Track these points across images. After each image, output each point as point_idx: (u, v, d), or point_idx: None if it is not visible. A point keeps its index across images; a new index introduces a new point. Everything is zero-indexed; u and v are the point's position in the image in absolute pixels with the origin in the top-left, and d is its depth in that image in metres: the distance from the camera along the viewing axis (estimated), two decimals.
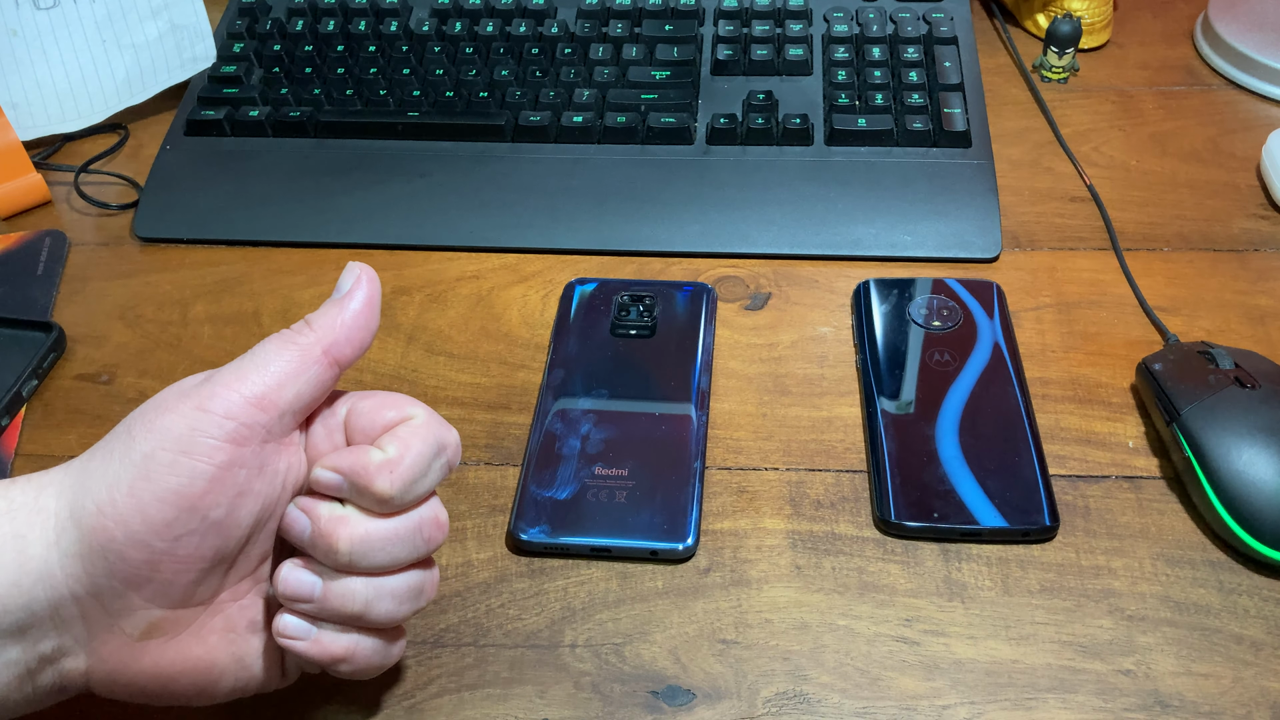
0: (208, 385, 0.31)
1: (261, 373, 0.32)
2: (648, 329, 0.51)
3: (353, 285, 0.34)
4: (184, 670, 0.33)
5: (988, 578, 0.42)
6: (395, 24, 0.66)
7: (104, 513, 0.30)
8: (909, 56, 0.63)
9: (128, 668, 0.32)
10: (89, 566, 0.30)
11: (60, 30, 0.65)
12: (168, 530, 0.30)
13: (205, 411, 0.30)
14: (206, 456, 0.30)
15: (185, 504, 0.30)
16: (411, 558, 0.34)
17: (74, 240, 0.59)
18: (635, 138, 0.60)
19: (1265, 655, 0.39)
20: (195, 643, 0.33)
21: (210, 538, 0.31)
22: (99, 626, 0.31)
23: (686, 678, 0.39)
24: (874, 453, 0.46)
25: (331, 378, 0.33)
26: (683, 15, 0.66)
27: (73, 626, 0.31)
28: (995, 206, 0.57)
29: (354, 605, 0.33)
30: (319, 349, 0.32)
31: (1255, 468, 0.42)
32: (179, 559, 0.31)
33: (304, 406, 0.33)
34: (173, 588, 0.31)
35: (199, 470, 0.30)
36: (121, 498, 0.30)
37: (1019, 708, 0.38)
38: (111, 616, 0.31)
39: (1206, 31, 0.69)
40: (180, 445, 0.30)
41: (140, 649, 0.32)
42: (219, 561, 0.32)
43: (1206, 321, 0.52)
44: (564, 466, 0.45)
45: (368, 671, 0.35)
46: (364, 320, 0.33)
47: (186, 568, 0.31)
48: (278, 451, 0.32)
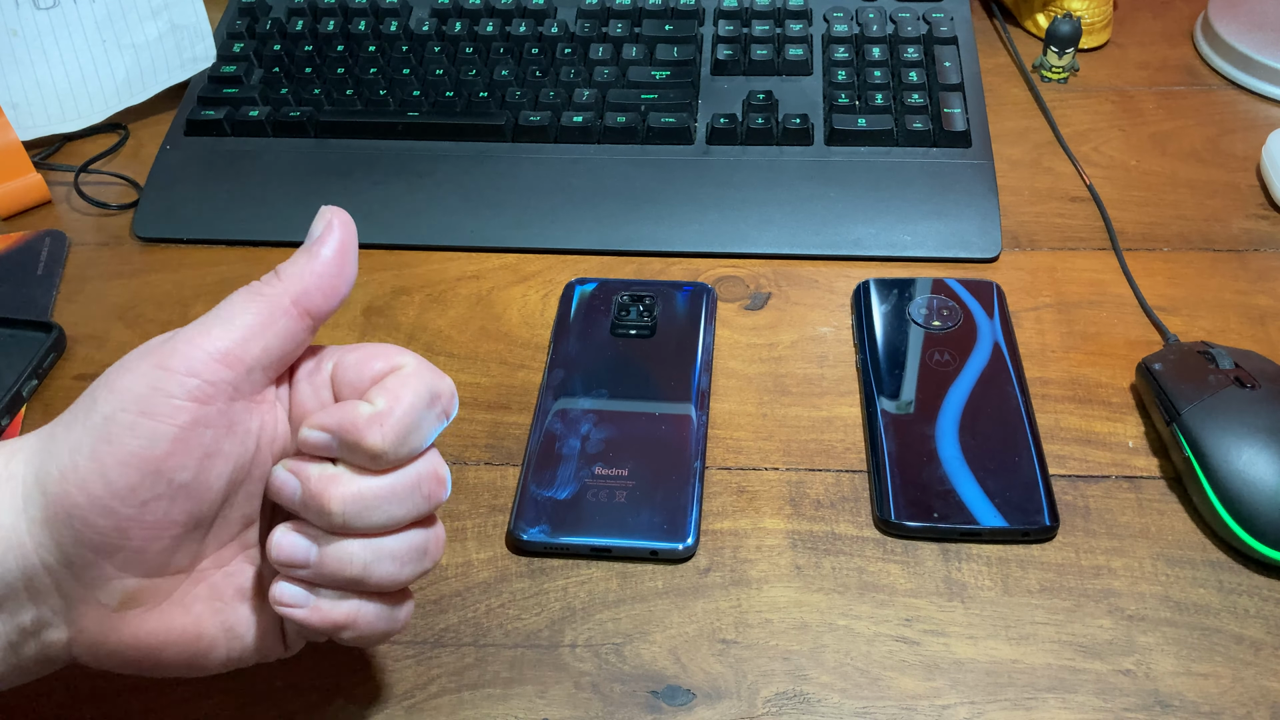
0: (170, 342, 0.30)
1: (226, 326, 0.30)
2: (648, 329, 0.51)
3: (324, 231, 0.32)
4: (169, 641, 0.31)
5: (988, 578, 0.42)
6: (395, 24, 0.66)
7: (66, 478, 0.29)
8: (909, 56, 0.63)
9: (109, 638, 0.31)
10: (56, 535, 0.29)
11: (60, 30, 0.65)
12: (132, 495, 0.28)
13: (166, 369, 0.29)
14: (168, 416, 0.28)
15: (148, 467, 0.28)
16: (411, 516, 0.32)
17: (74, 240, 0.59)
18: (635, 138, 0.60)
19: (1265, 655, 0.39)
20: (179, 612, 0.31)
21: (180, 502, 0.29)
22: (75, 597, 0.30)
23: (686, 678, 0.39)
24: (874, 453, 0.46)
25: (304, 329, 0.31)
26: (683, 15, 0.66)
27: (48, 597, 0.30)
28: (995, 206, 0.57)
29: (352, 569, 0.31)
30: (287, 299, 0.31)
31: (1255, 468, 0.42)
32: (148, 525, 0.29)
33: (274, 361, 0.31)
34: (146, 555, 0.30)
35: (160, 431, 0.28)
36: (83, 462, 0.28)
37: (1019, 708, 0.38)
38: (86, 586, 0.30)
39: (1206, 31, 0.69)
40: (140, 405, 0.28)
41: (120, 619, 0.30)
42: (194, 527, 0.30)
43: (1206, 321, 0.52)
44: (564, 466, 0.45)
45: (374, 638, 0.33)
46: (336, 267, 0.31)
47: (157, 534, 0.29)
48: (249, 410, 0.31)
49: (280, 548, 0.31)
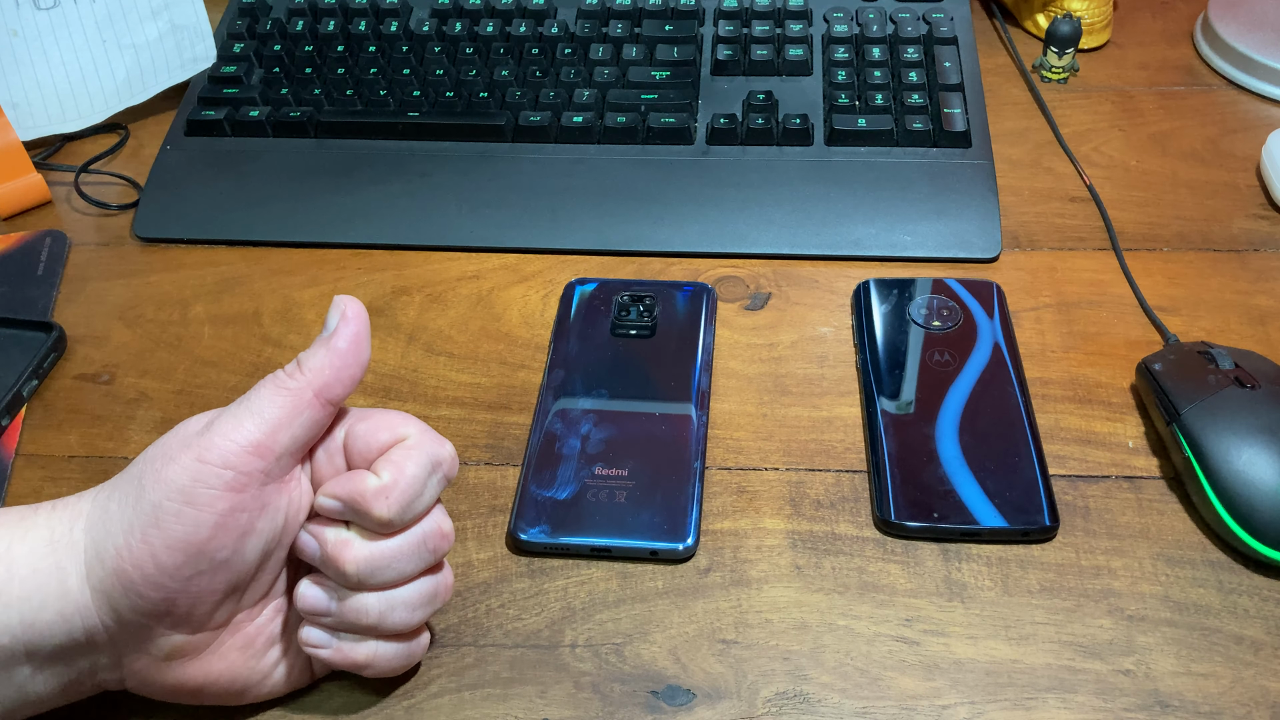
0: (206, 435, 0.33)
1: (256, 420, 0.33)
2: (648, 329, 0.51)
3: (339, 322, 0.34)
4: (208, 684, 0.36)
5: (988, 578, 0.42)
6: (395, 24, 0.66)
7: (122, 557, 0.32)
8: (909, 56, 0.63)
9: (155, 681, 0.35)
10: (113, 602, 0.33)
11: (60, 30, 0.65)
12: (179, 572, 0.32)
13: (204, 463, 0.32)
14: (209, 506, 0.32)
15: (193, 549, 0.32)
16: (419, 569, 0.36)
17: (74, 240, 0.59)
18: (635, 138, 0.60)
19: (1265, 655, 0.39)
20: (216, 659, 0.35)
21: (220, 575, 0.33)
22: (128, 650, 0.34)
23: (686, 678, 0.39)
24: (874, 453, 0.46)
25: (326, 417, 0.34)
26: (683, 15, 0.66)
27: (105, 650, 0.34)
28: (995, 206, 0.57)
29: (368, 618, 0.35)
30: (310, 392, 0.33)
31: (1255, 468, 0.42)
32: (192, 595, 0.33)
33: (300, 448, 0.34)
34: (191, 618, 0.34)
35: (203, 519, 0.32)
36: (136, 544, 0.32)
37: (1019, 708, 0.38)
38: (137, 642, 0.34)
39: (1206, 31, 0.69)
40: (184, 497, 0.32)
41: (166, 667, 0.35)
42: (231, 592, 0.34)
43: (1206, 321, 0.52)
44: (564, 466, 0.45)
45: (393, 671, 0.38)
46: (353, 358, 0.34)
47: (200, 601, 0.33)
48: (278, 490, 0.34)
49: (305, 599, 0.35)
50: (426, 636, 0.38)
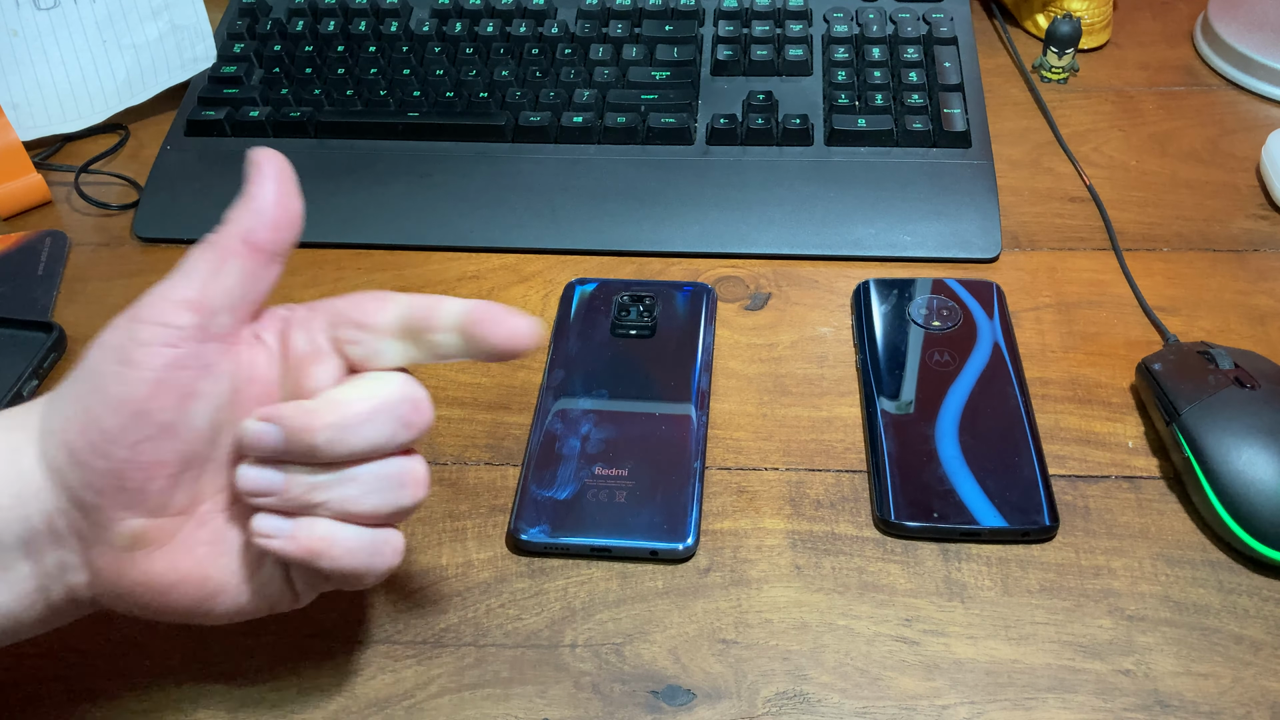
0: (143, 298, 0.32)
1: (186, 276, 0.32)
2: (648, 329, 0.51)
3: (253, 172, 0.34)
4: (175, 582, 0.33)
5: (988, 578, 0.42)
6: (395, 24, 0.66)
7: (67, 428, 0.32)
8: (909, 57, 0.63)
9: (122, 578, 0.33)
10: (65, 479, 0.32)
11: (60, 30, 0.65)
12: (123, 436, 0.31)
13: (138, 321, 0.32)
14: (144, 363, 0.31)
15: (132, 409, 0.31)
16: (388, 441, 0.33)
17: (74, 240, 0.59)
18: (635, 138, 0.60)
19: (1265, 655, 0.39)
20: (183, 554, 0.33)
21: (168, 441, 0.32)
22: (89, 539, 0.32)
23: (686, 678, 0.39)
24: (874, 453, 0.46)
25: (260, 265, 0.33)
26: (683, 15, 0.66)
27: (67, 540, 0.33)
28: (995, 206, 0.57)
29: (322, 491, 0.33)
30: (236, 240, 0.33)
31: (1255, 468, 0.42)
32: (142, 465, 0.32)
33: (237, 300, 0.33)
34: (146, 495, 0.32)
35: (140, 377, 0.31)
36: (79, 411, 0.32)
37: (1019, 708, 0.38)
38: (96, 527, 0.32)
39: (1206, 32, 0.69)
40: (119, 356, 0.31)
41: (129, 559, 0.33)
42: (186, 466, 0.32)
43: (1206, 321, 0.52)
44: (564, 466, 0.45)
45: (356, 568, 0.34)
46: (273, 199, 0.33)
47: (152, 474, 0.32)
48: (222, 352, 0.33)
49: (248, 478, 0.33)
50: (398, 541, 0.35)
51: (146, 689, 0.39)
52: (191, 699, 0.39)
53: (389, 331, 0.35)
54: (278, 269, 0.34)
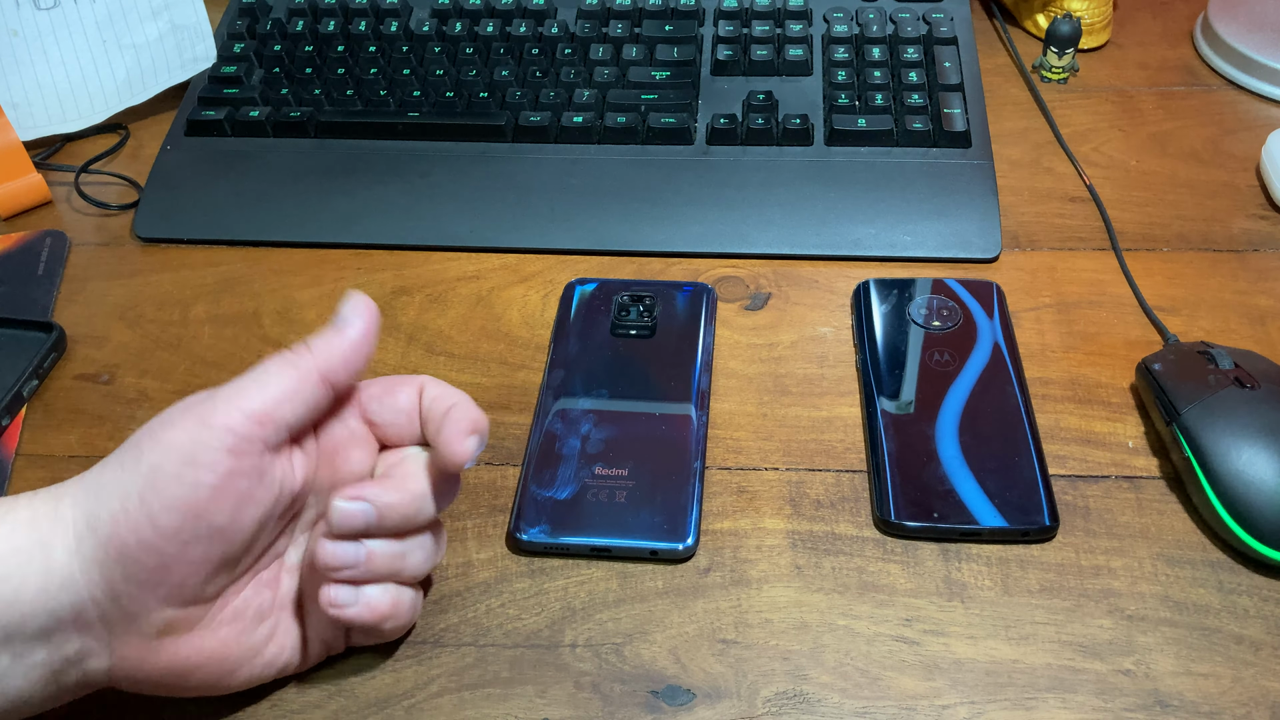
0: (210, 401, 0.33)
1: (261, 390, 0.34)
2: (648, 329, 0.51)
3: (352, 314, 0.36)
4: (199, 663, 0.35)
5: (988, 578, 0.42)
6: (395, 24, 0.66)
7: (118, 521, 0.32)
8: (909, 57, 0.63)
9: (146, 663, 0.34)
10: (106, 572, 0.32)
11: (61, 30, 0.65)
12: (176, 536, 0.32)
13: (207, 426, 0.33)
14: (209, 468, 0.32)
15: (191, 511, 0.32)
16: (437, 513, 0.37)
17: (74, 240, 0.59)
18: (635, 138, 0.60)
19: (1265, 655, 0.39)
20: (208, 636, 0.35)
21: (216, 542, 0.33)
22: (119, 628, 0.33)
23: (686, 677, 0.39)
24: (874, 453, 0.46)
25: (325, 398, 0.35)
26: (683, 15, 0.66)
27: (94, 629, 0.33)
28: (995, 206, 0.57)
29: (396, 560, 0.36)
30: (316, 373, 0.35)
31: (1255, 468, 0.42)
32: (188, 562, 0.33)
33: (298, 423, 0.35)
34: (184, 589, 0.33)
35: (203, 481, 0.32)
36: (133, 507, 0.32)
37: (1019, 707, 0.38)
38: (128, 619, 0.33)
39: (1206, 32, 0.69)
40: (184, 458, 0.32)
41: (158, 645, 0.34)
42: (225, 563, 0.34)
43: (1206, 321, 0.52)
44: (564, 466, 0.45)
45: (407, 624, 0.39)
46: (361, 349, 0.36)
47: (196, 570, 0.33)
48: (274, 462, 0.34)
49: (336, 553, 0.35)
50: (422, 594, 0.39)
51: None
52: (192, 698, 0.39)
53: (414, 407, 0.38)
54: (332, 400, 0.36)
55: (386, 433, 0.38)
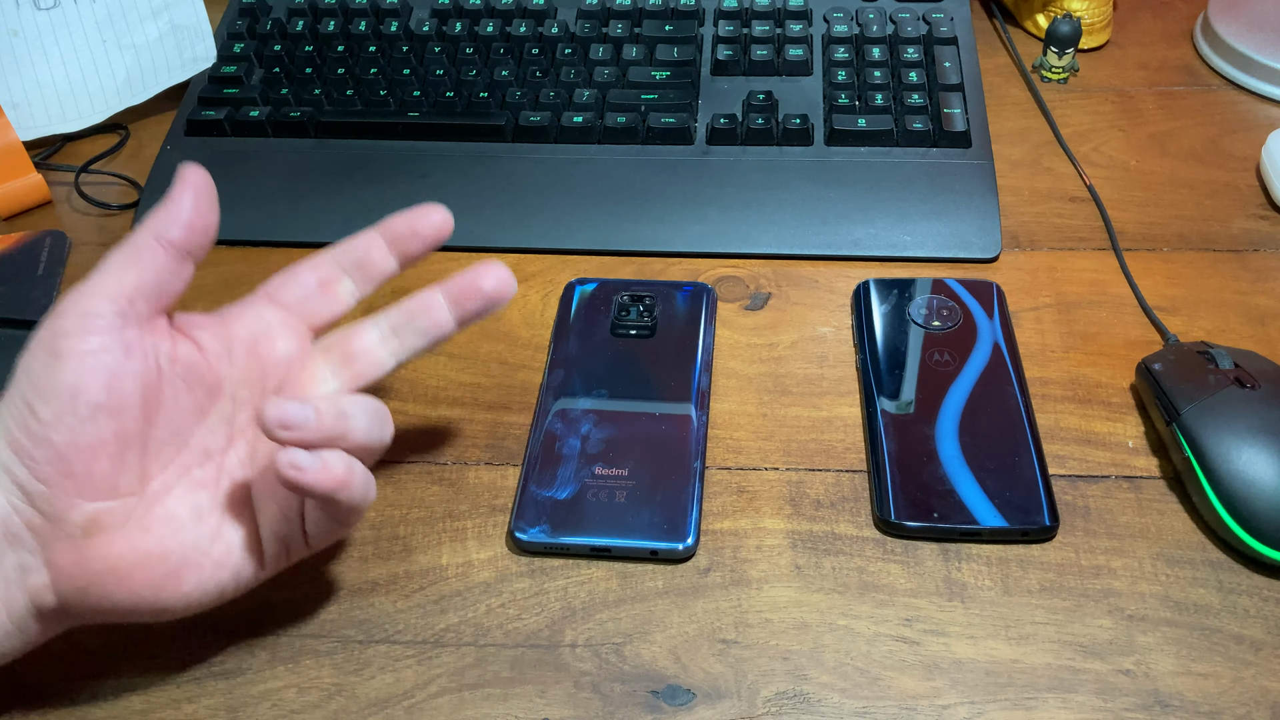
0: (60, 299, 0.35)
1: (101, 273, 0.36)
2: (648, 329, 0.51)
3: (177, 182, 0.37)
4: (137, 563, 0.35)
5: (988, 578, 0.42)
6: (395, 24, 0.66)
7: (8, 426, 0.34)
8: (909, 57, 0.63)
9: (84, 569, 0.35)
10: (13, 476, 0.34)
11: (61, 30, 0.65)
12: (59, 421, 0.34)
13: (59, 316, 0.35)
14: (68, 350, 0.34)
15: (64, 394, 0.34)
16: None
17: (75, 240, 0.59)
18: (635, 138, 0.60)
19: (1265, 655, 0.39)
20: (140, 533, 0.35)
21: (102, 420, 0.34)
22: (45, 533, 0.34)
23: (686, 677, 0.39)
24: (874, 453, 0.46)
25: (171, 260, 0.37)
26: (683, 15, 0.66)
27: (23, 538, 0.35)
28: (995, 206, 0.57)
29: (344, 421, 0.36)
30: (149, 236, 0.37)
31: (1255, 468, 0.42)
32: (82, 448, 0.34)
33: (150, 290, 0.36)
34: (92, 478, 0.34)
35: (66, 365, 0.34)
36: (18, 407, 0.34)
37: (1019, 707, 0.38)
38: (51, 521, 0.34)
39: (1206, 32, 0.69)
40: (46, 349, 0.35)
41: (89, 547, 0.35)
42: (124, 444, 0.35)
43: (1206, 321, 0.52)
44: (564, 466, 0.45)
45: (360, 506, 0.38)
46: (189, 206, 0.37)
47: (94, 454, 0.34)
48: (142, 336, 0.36)
49: (284, 410, 0.35)
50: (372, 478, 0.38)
51: (147, 688, 0.39)
52: (191, 698, 0.39)
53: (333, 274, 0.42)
54: (190, 268, 0.38)
55: (307, 309, 0.41)
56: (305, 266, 0.41)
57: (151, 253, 0.36)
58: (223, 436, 0.38)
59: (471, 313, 0.42)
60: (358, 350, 0.41)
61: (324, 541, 0.39)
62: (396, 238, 0.42)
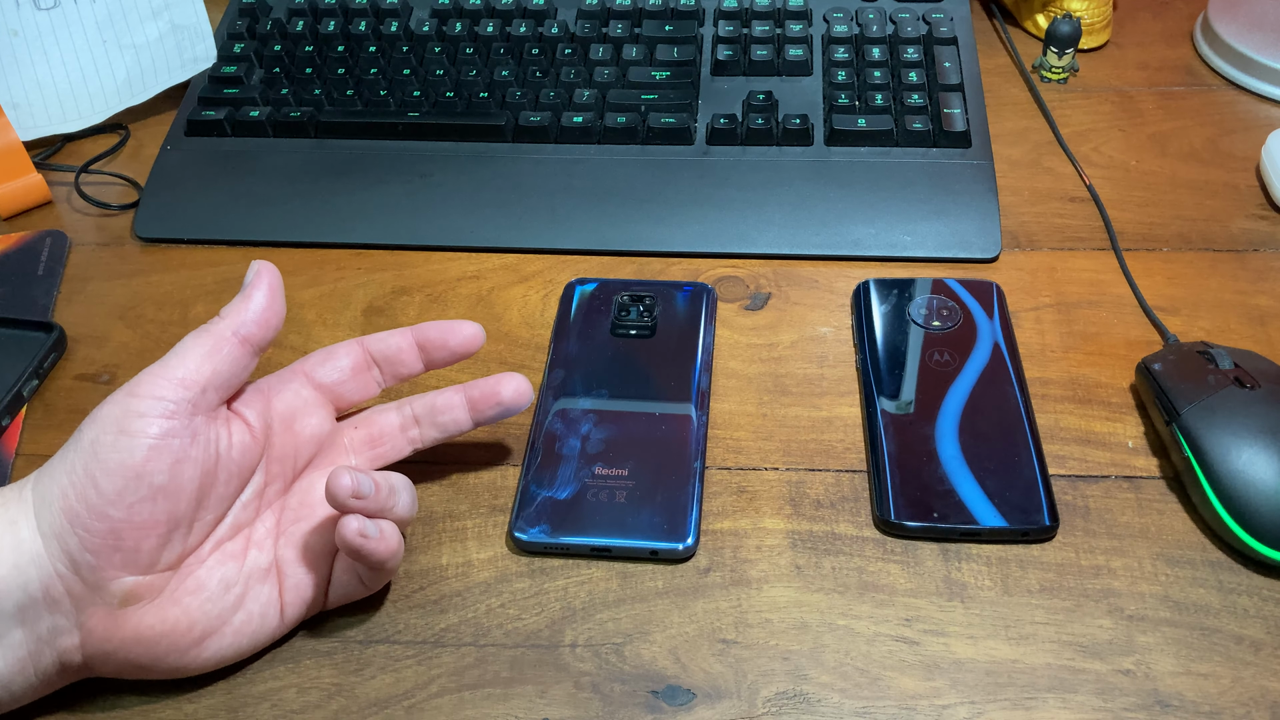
0: (138, 376, 0.37)
1: (181, 359, 0.37)
2: (648, 329, 0.51)
3: (254, 278, 0.40)
4: (164, 632, 0.37)
5: (987, 578, 0.42)
6: (395, 24, 0.66)
7: (66, 494, 0.35)
8: (909, 57, 0.63)
9: (113, 636, 0.36)
10: (64, 544, 0.35)
11: (61, 30, 0.65)
12: (120, 499, 0.35)
13: (134, 395, 0.36)
14: (140, 431, 0.35)
15: (130, 473, 0.35)
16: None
17: (75, 240, 0.59)
18: (635, 138, 0.60)
19: (1265, 655, 0.39)
20: (170, 604, 0.37)
21: (160, 502, 0.36)
22: (84, 600, 0.36)
23: (686, 677, 0.39)
24: (874, 453, 0.46)
25: (245, 355, 0.38)
26: (683, 15, 0.66)
27: (62, 604, 0.36)
28: (995, 206, 0.57)
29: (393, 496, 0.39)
30: (229, 332, 0.38)
31: (1255, 468, 0.42)
32: (136, 525, 0.35)
33: (223, 382, 0.38)
34: (139, 554, 0.36)
35: (136, 445, 0.35)
36: (79, 478, 0.35)
37: (1019, 707, 0.38)
38: (91, 589, 0.35)
39: (1206, 32, 0.69)
40: (118, 426, 0.35)
41: (122, 616, 0.36)
42: (175, 526, 0.36)
43: (1206, 321, 0.52)
44: (564, 466, 0.45)
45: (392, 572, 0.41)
46: (266, 304, 0.39)
47: (146, 533, 0.36)
48: (207, 424, 0.37)
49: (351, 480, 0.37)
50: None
51: (147, 688, 0.39)
52: (191, 699, 0.39)
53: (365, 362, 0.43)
54: (257, 360, 0.39)
55: (338, 393, 0.43)
56: (342, 350, 0.43)
57: (230, 347, 0.38)
58: (253, 510, 0.40)
59: (488, 417, 0.44)
60: (381, 433, 0.44)
61: (344, 601, 0.41)
62: (427, 344, 0.44)
